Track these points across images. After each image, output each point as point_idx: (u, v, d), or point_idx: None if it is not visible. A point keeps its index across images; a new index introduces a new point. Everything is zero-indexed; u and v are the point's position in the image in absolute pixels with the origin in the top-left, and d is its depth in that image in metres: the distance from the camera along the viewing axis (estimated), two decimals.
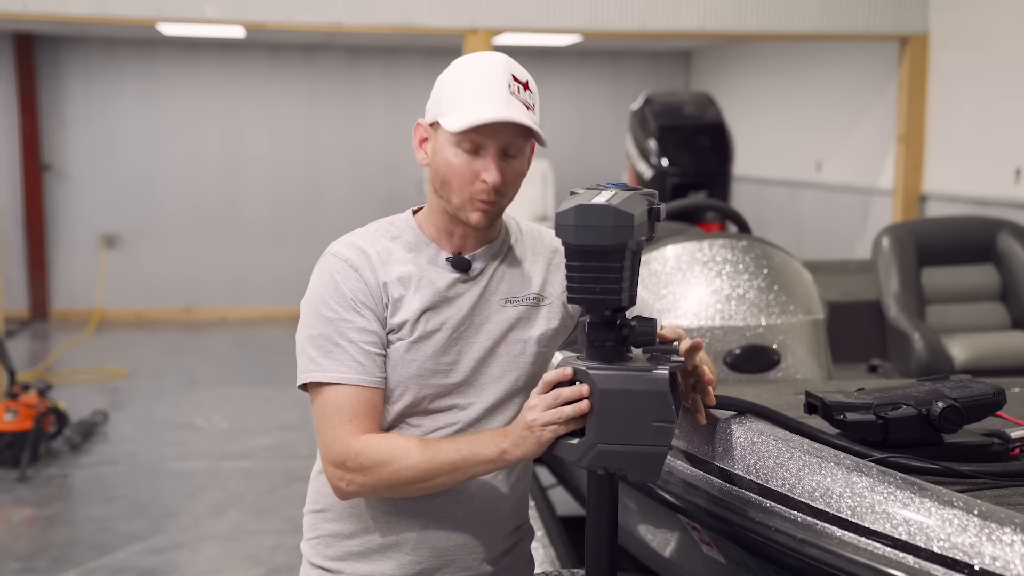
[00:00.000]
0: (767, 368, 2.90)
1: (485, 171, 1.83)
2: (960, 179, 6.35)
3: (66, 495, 5.37)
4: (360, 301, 1.87)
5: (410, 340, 1.88)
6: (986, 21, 6.12)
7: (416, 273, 1.90)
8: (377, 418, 1.87)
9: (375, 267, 1.89)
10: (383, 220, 1.99)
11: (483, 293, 1.93)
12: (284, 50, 10.19)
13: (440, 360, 1.90)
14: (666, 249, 3.06)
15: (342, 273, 1.88)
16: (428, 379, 1.90)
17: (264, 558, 4.58)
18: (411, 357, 1.89)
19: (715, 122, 6.58)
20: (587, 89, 10.79)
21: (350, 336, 1.85)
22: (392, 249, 1.91)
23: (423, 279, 1.90)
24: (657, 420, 1.65)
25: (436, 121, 1.87)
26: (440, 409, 1.92)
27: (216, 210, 10.23)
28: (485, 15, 6.58)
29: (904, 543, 1.55)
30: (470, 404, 1.93)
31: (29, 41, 9.69)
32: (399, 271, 1.89)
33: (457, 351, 1.91)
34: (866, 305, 4.45)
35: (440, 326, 1.89)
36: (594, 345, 1.70)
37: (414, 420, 1.93)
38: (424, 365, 1.89)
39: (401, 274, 1.89)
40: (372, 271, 1.88)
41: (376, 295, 1.87)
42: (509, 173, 1.87)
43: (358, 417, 1.84)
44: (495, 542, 1.98)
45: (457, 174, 1.85)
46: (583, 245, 1.65)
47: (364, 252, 1.90)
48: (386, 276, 1.88)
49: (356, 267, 1.88)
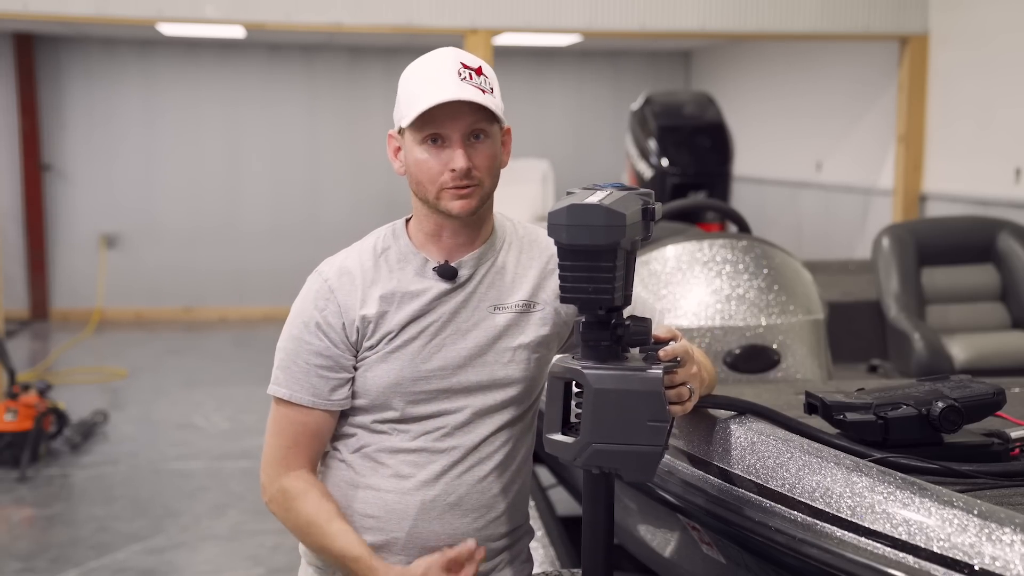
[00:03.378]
0: (767, 368, 2.89)
1: (451, 160, 1.85)
2: (960, 179, 6.35)
3: (66, 495, 5.37)
4: (329, 324, 1.91)
5: (387, 350, 1.90)
6: (986, 21, 6.12)
7: (400, 289, 1.91)
8: (316, 445, 1.95)
9: (356, 288, 1.91)
10: (376, 232, 2.01)
11: (468, 299, 1.93)
12: (284, 50, 10.19)
13: (421, 367, 1.90)
14: (666, 249, 3.05)
15: (319, 294, 1.93)
16: (408, 387, 1.91)
17: (264, 558, 4.58)
18: (389, 366, 1.90)
19: (715, 122, 6.57)
20: (587, 89, 10.79)
21: (307, 359, 1.92)
22: (379, 265, 1.93)
23: (407, 293, 1.91)
24: (651, 420, 1.66)
25: (400, 126, 1.90)
26: (427, 415, 1.93)
27: (216, 210, 10.23)
28: (485, 15, 6.58)
29: (904, 543, 1.55)
30: (458, 410, 1.93)
31: (29, 41, 9.69)
32: (383, 290, 1.91)
33: (442, 357, 1.91)
34: (866, 305, 4.45)
35: (419, 333, 1.91)
36: (588, 345, 1.70)
37: (401, 426, 1.93)
38: (403, 372, 1.90)
39: (385, 292, 1.91)
40: (351, 293, 1.91)
41: (348, 318, 1.90)
42: (478, 157, 1.87)
43: (298, 446, 1.94)
44: (488, 543, 1.98)
45: (425, 169, 1.87)
46: (575, 245, 1.65)
47: (348, 272, 1.93)
48: (368, 300, 1.90)
49: (333, 288, 1.92)
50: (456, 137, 1.85)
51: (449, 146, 1.85)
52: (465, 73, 1.85)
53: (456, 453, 1.93)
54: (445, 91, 1.82)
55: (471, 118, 1.85)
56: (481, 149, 1.87)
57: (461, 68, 1.85)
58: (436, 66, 1.87)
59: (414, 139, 1.87)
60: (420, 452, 1.93)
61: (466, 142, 1.86)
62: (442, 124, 1.84)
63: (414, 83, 1.87)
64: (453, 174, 1.85)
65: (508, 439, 1.97)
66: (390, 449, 1.93)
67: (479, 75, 1.87)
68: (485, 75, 1.88)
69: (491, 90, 1.87)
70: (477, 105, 1.84)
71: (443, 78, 1.84)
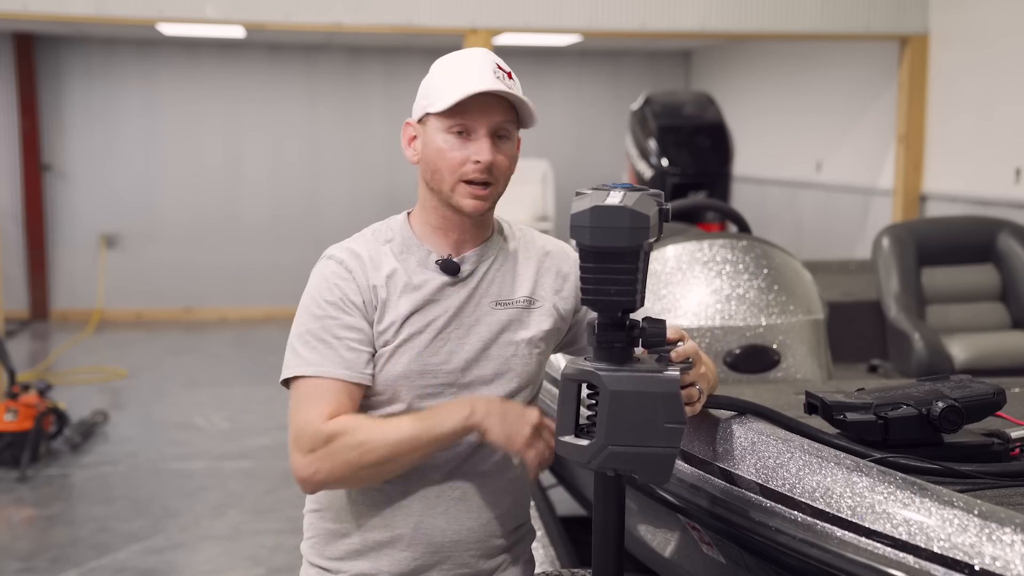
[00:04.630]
0: (767, 368, 2.90)
1: (477, 152, 1.85)
2: (960, 179, 6.35)
3: (66, 495, 5.37)
4: (351, 300, 1.89)
5: (395, 344, 1.90)
6: (986, 21, 6.12)
7: (404, 277, 1.92)
8: (352, 412, 1.87)
9: (367, 271, 1.91)
10: (379, 224, 2.01)
11: (472, 295, 1.94)
12: (284, 50, 10.19)
13: (428, 361, 1.91)
14: (666, 249, 3.05)
15: (336, 274, 1.91)
16: (415, 380, 1.91)
17: (264, 558, 4.58)
18: (397, 359, 1.90)
19: (715, 122, 6.58)
20: (587, 89, 10.79)
21: (337, 333, 1.88)
22: (384, 252, 1.94)
23: (410, 283, 1.92)
24: (668, 422, 1.65)
25: (424, 115, 1.90)
26: None
27: (216, 210, 10.23)
28: (485, 15, 6.58)
29: (904, 543, 1.55)
30: None
31: (29, 41, 9.69)
32: (387, 274, 1.92)
33: (447, 352, 1.92)
34: (866, 305, 4.46)
35: (425, 327, 1.91)
36: (603, 347, 1.68)
37: None
38: (410, 367, 1.90)
39: (389, 277, 1.91)
40: (364, 274, 1.91)
41: (367, 297, 1.90)
42: (500, 157, 1.88)
43: (332, 405, 1.84)
44: (492, 539, 1.98)
45: (446, 158, 1.87)
46: (599, 247, 1.63)
47: (358, 255, 1.93)
48: (376, 280, 1.91)
49: (350, 268, 1.91)
50: (484, 131, 1.86)
51: (475, 139, 1.87)
52: (500, 73, 1.87)
53: (460, 448, 1.93)
54: (483, 82, 1.84)
55: (502, 117, 1.87)
56: (504, 149, 1.89)
57: (496, 68, 1.88)
58: (473, 61, 1.89)
59: (439, 127, 1.87)
60: None
61: (492, 138, 1.87)
62: (473, 116, 1.86)
63: (449, 73, 1.88)
64: (477, 166, 1.86)
65: None
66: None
67: (510, 79, 1.90)
68: (515, 80, 1.91)
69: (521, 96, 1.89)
70: (508, 105, 1.87)
71: (481, 72, 1.86)
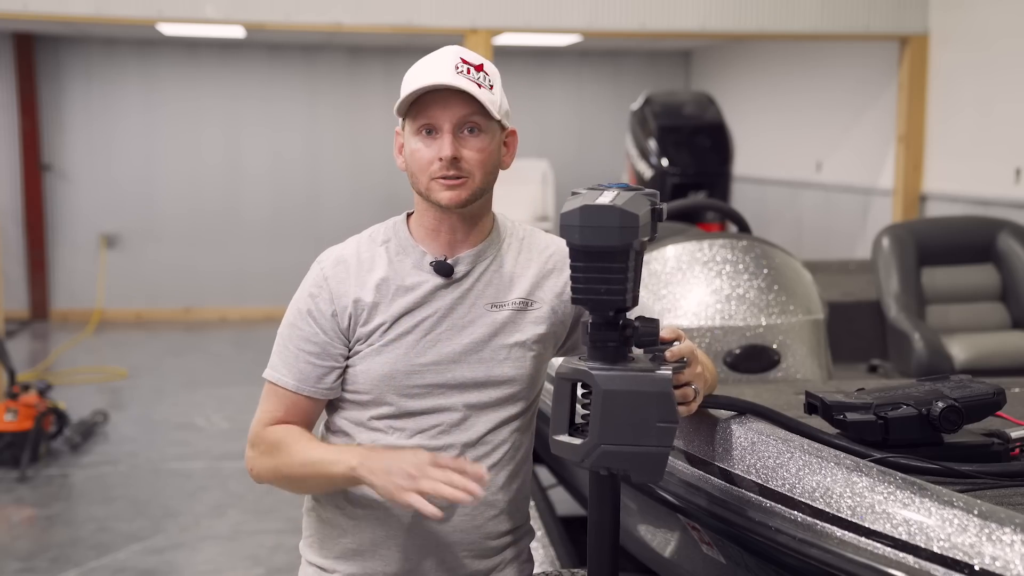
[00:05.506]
0: (767, 368, 2.89)
1: (439, 149, 1.87)
2: (960, 179, 6.35)
3: (66, 495, 5.37)
4: (320, 310, 1.93)
5: (381, 344, 1.91)
6: (986, 21, 6.12)
7: (396, 279, 1.93)
8: (302, 422, 1.97)
9: (350, 277, 1.93)
10: (379, 224, 2.02)
11: (466, 296, 1.94)
12: (284, 50, 10.19)
13: (415, 362, 1.91)
14: (666, 249, 3.05)
15: (313, 282, 1.96)
16: (402, 380, 1.91)
17: (264, 558, 4.58)
18: (383, 359, 1.91)
19: (715, 122, 6.58)
20: (587, 89, 10.78)
21: (298, 344, 1.95)
22: (379, 254, 1.95)
23: (403, 285, 1.92)
24: (661, 421, 1.65)
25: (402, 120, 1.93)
26: (422, 411, 1.93)
27: (216, 210, 10.23)
28: (485, 15, 6.58)
29: (904, 543, 1.55)
30: (453, 407, 1.93)
31: (29, 41, 9.69)
32: (379, 277, 1.93)
33: (436, 352, 1.92)
34: (866, 305, 4.46)
35: (413, 328, 1.91)
36: (596, 346, 1.69)
37: (398, 423, 1.94)
38: (396, 366, 1.91)
39: (381, 281, 1.92)
40: (344, 282, 1.93)
41: (340, 305, 1.92)
42: (468, 149, 1.88)
43: (279, 412, 1.97)
44: (488, 540, 1.98)
45: (417, 159, 1.90)
46: (588, 246, 1.64)
47: (344, 261, 1.95)
48: (362, 286, 1.92)
49: (328, 277, 1.94)
50: (447, 127, 1.87)
51: (440, 137, 1.87)
52: (463, 67, 1.87)
53: (453, 451, 1.92)
54: (435, 78, 1.85)
55: (464, 110, 1.86)
56: (472, 143, 1.89)
57: (460, 63, 1.87)
58: (435, 59, 1.90)
59: (411, 129, 1.91)
60: None
61: (457, 134, 1.88)
62: (433, 114, 1.87)
63: (411, 74, 1.91)
64: (440, 163, 1.86)
65: (506, 437, 1.97)
66: (387, 447, 1.93)
67: (478, 71, 1.88)
68: (485, 72, 1.89)
69: (490, 87, 1.88)
70: (470, 98, 1.86)
71: (439, 69, 1.86)
